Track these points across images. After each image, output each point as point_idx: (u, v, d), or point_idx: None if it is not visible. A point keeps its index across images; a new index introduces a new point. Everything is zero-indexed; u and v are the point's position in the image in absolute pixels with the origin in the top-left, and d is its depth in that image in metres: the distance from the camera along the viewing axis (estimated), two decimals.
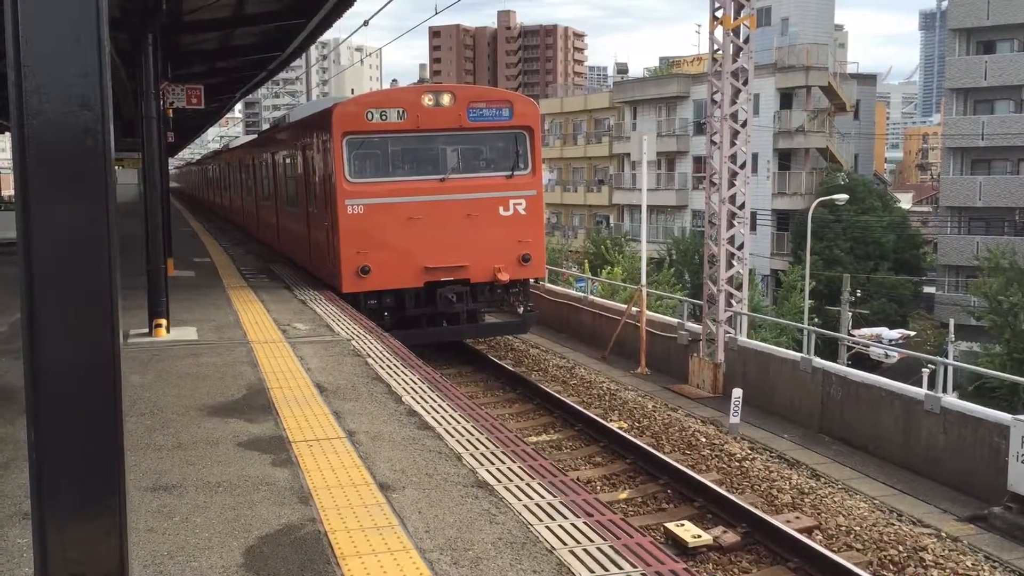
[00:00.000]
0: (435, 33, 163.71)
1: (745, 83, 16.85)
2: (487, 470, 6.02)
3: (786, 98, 46.87)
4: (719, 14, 16.82)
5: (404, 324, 14.85)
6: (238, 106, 56.24)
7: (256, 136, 30.33)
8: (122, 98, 19.59)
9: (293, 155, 18.42)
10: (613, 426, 12.72)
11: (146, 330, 10.88)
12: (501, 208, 15.17)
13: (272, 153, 21.30)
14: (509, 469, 6.06)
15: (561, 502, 5.46)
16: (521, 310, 15.99)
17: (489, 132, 15.37)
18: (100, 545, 2.47)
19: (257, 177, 24.57)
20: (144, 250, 11.13)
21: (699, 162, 45.12)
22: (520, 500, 5.48)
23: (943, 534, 9.80)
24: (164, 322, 10.93)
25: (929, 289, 46.28)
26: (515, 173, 15.31)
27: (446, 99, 14.89)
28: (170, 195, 23.70)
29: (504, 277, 15.07)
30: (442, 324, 15.58)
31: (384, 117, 14.50)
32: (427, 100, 14.77)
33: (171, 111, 16.15)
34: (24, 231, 2.31)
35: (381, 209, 14.60)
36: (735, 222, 17.19)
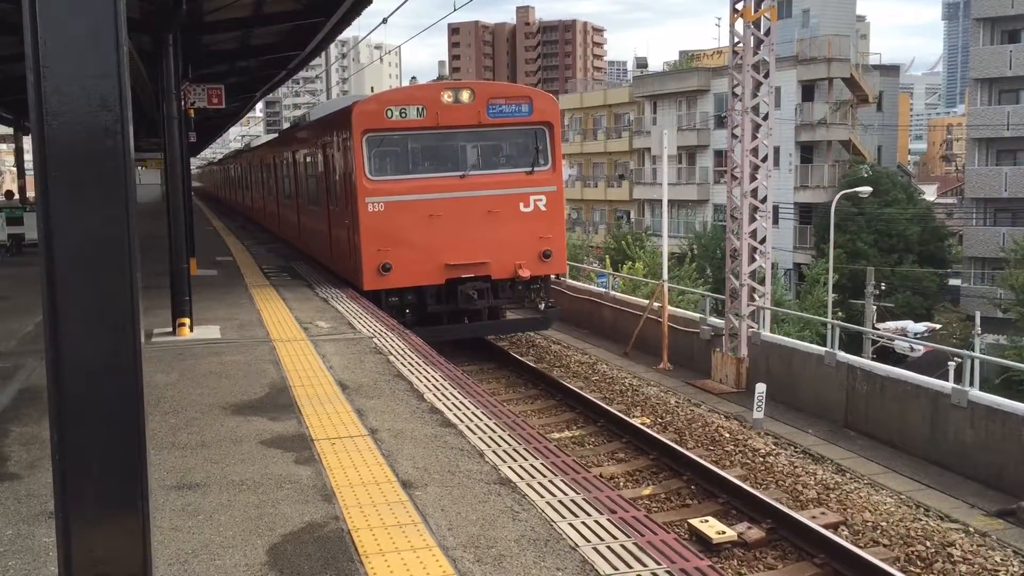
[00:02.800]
0: (454, 30, 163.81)
1: (766, 76, 16.72)
2: (509, 467, 6.01)
3: (808, 90, 46.49)
4: (739, 6, 16.70)
5: (425, 321, 14.84)
6: (259, 105, 56.54)
7: (277, 135, 30.40)
8: (144, 99, 19.73)
9: (314, 153, 18.35)
10: (636, 422, 12.68)
11: (169, 329, 10.95)
12: (521, 204, 15.10)
13: (293, 152, 21.30)
14: (532, 466, 6.05)
15: (584, 499, 5.44)
16: (542, 306, 15.89)
17: (509, 128, 15.27)
18: (124, 544, 2.48)
19: (278, 176, 24.59)
20: (167, 249, 11.20)
21: (720, 156, 44.88)
22: (543, 497, 5.46)
23: (971, 529, 9.70)
24: (187, 321, 11.00)
25: (955, 281, 45.79)
26: (535, 169, 15.25)
27: (465, 96, 14.80)
28: (192, 195, 23.86)
29: (525, 273, 15.02)
30: (463, 321, 15.57)
31: (404, 114, 14.46)
32: (446, 97, 14.72)
33: (192, 111, 16.24)
34: (45, 232, 2.32)
35: (401, 206, 14.57)
36: (757, 216, 17.07)
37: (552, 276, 16.45)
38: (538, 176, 15.27)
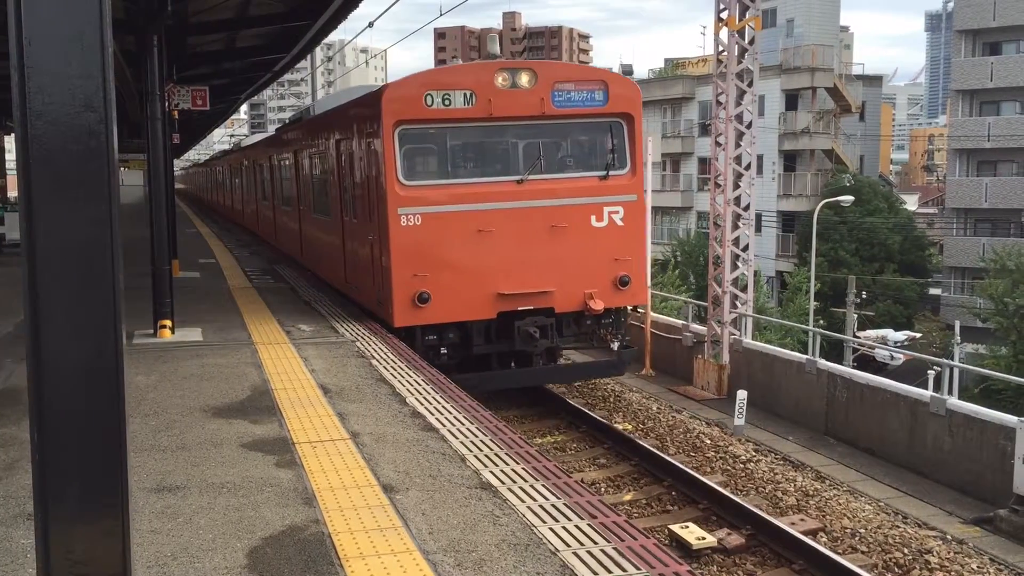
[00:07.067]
0: (440, 35, 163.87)
1: (750, 84, 16.83)
2: (491, 472, 6.01)
3: (791, 99, 46.82)
4: (724, 15, 16.81)
5: (469, 365, 12.17)
6: (243, 107, 56.30)
7: (274, 132, 26.67)
8: (128, 100, 19.66)
9: (323, 152, 15.46)
10: (618, 428, 12.71)
11: (151, 331, 10.90)
12: (593, 217, 12.25)
13: (295, 151, 18.32)
14: (513, 471, 6.06)
15: (565, 504, 5.45)
16: (615, 345, 12.71)
17: (579, 121, 12.45)
18: (103, 546, 2.47)
19: (275, 179, 21.75)
20: (150, 251, 11.16)
21: (704, 163, 45.07)
22: (524, 502, 5.47)
23: (949, 536, 9.78)
24: (169, 323, 10.96)
25: (935, 291, 46.19)
26: (611, 173, 12.38)
27: (525, 79, 11.88)
28: (175, 197, 23.71)
29: (597, 306, 12.11)
30: (511, 364, 12.73)
31: (447, 102, 11.56)
32: (501, 80, 11.76)
33: (176, 113, 16.19)
34: (28, 232, 2.32)
35: (443, 219, 11.69)
36: (740, 223, 17.17)
37: (629, 308, 13.31)
38: (614, 182, 12.41)
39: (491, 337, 12.12)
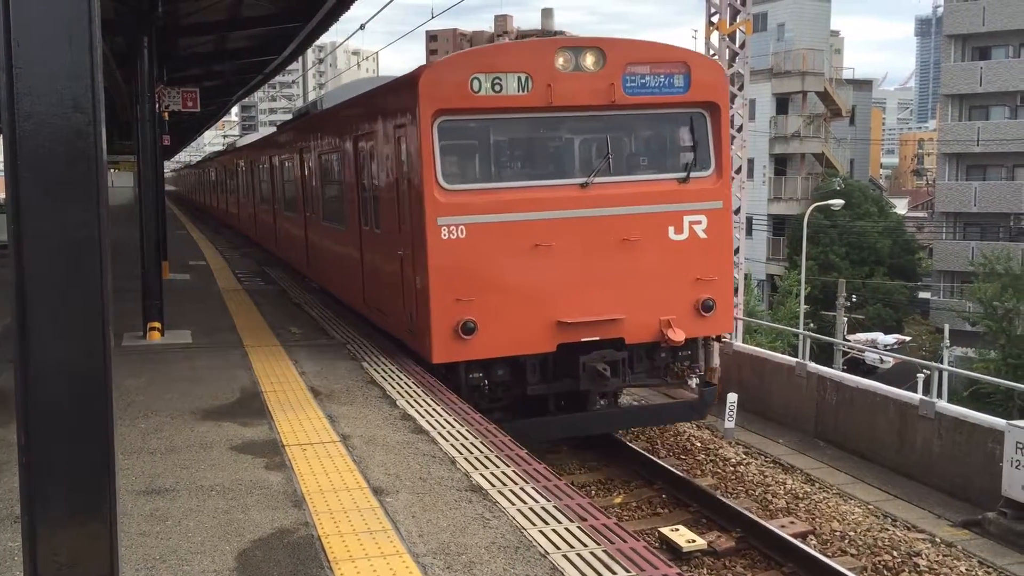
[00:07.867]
0: (432, 37, 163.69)
1: (741, 88, 16.89)
2: (481, 474, 6.01)
3: (782, 103, 47.01)
4: (715, 19, 16.87)
5: (521, 408, 10.42)
6: (234, 109, 56.17)
7: (275, 130, 23.93)
8: (118, 101, 19.60)
9: (336, 151, 13.48)
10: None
11: (140, 333, 10.86)
12: (672, 229, 10.26)
13: (300, 150, 16.19)
14: (503, 473, 6.06)
15: (555, 506, 5.45)
16: (694, 382, 11.10)
17: (655, 112, 10.41)
18: (91, 548, 2.47)
19: (275, 181, 19.64)
20: (139, 253, 11.13)
21: None
22: (514, 504, 5.47)
23: (937, 539, 9.81)
24: (158, 325, 10.93)
25: (924, 294, 46.39)
26: (691, 175, 10.41)
27: (591, 60, 9.82)
28: (166, 199, 23.58)
29: (677, 336, 10.14)
30: (563, 405, 10.74)
31: (498, 87, 9.53)
32: (562, 61, 9.70)
33: (167, 114, 16.14)
34: (15, 234, 2.31)
35: (492, 231, 9.65)
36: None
37: (713, 338, 11.06)
38: (696, 186, 10.40)
39: (549, 375, 10.14)
